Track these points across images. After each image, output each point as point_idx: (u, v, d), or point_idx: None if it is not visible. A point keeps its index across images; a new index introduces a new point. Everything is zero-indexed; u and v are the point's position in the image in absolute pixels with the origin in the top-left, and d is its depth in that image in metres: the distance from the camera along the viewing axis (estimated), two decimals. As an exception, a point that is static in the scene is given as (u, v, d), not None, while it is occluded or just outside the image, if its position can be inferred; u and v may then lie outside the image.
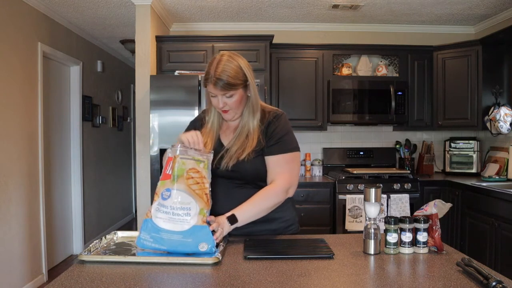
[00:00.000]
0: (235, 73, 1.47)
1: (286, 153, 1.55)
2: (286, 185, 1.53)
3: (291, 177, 1.55)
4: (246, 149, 1.52)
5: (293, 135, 1.61)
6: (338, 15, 3.99)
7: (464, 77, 3.81)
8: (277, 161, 1.55)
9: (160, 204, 1.32)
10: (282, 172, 1.54)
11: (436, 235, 1.35)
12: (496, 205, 2.99)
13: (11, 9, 3.18)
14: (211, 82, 1.48)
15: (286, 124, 1.60)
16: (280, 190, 1.52)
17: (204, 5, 3.68)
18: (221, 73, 1.46)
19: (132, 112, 6.58)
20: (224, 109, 1.54)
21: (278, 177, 1.53)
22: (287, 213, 1.65)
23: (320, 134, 4.27)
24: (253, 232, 1.56)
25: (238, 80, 1.48)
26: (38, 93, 3.57)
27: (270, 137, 1.56)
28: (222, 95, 1.50)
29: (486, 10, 3.78)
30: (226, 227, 1.39)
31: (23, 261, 3.34)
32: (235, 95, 1.51)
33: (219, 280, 1.11)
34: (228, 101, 1.51)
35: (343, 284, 1.08)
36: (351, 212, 3.45)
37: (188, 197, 1.30)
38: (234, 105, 1.53)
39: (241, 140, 1.55)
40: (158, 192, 1.34)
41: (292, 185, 1.57)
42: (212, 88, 1.49)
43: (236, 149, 1.54)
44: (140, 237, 1.32)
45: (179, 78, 3.32)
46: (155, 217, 1.31)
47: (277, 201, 1.53)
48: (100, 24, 4.26)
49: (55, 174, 4.12)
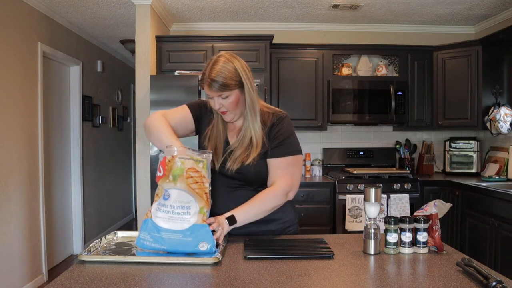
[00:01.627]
0: (229, 74, 1.47)
1: (288, 156, 1.55)
2: (286, 188, 1.53)
3: (292, 180, 1.55)
4: (251, 153, 1.52)
5: (295, 137, 1.61)
6: (338, 15, 3.99)
7: (464, 77, 3.81)
8: (279, 164, 1.55)
9: (160, 204, 1.32)
10: (283, 174, 1.54)
11: (436, 235, 1.35)
12: (496, 205, 2.99)
13: (11, 9, 3.18)
14: (206, 83, 1.49)
15: (289, 127, 1.59)
16: (280, 193, 1.52)
17: (204, 5, 3.68)
18: (215, 75, 1.46)
19: (132, 112, 6.58)
20: (221, 110, 1.54)
21: (279, 179, 1.53)
22: (286, 214, 1.65)
23: (320, 134, 4.27)
24: (252, 233, 1.56)
25: (232, 81, 1.47)
26: (38, 93, 3.57)
27: (273, 139, 1.55)
28: (218, 96, 1.50)
29: (486, 10, 3.78)
30: (226, 227, 1.39)
31: (23, 261, 3.34)
32: (230, 96, 1.50)
33: (219, 280, 1.11)
34: (224, 102, 1.51)
35: (343, 284, 1.08)
36: (351, 212, 3.45)
37: (188, 196, 1.30)
38: (231, 107, 1.52)
39: (245, 144, 1.55)
40: (159, 193, 1.35)
41: (293, 189, 1.56)
42: (207, 90, 1.50)
43: (240, 153, 1.54)
44: (139, 237, 1.32)
45: (179, 78, 3.32)
46: (155, 216, 1.31)
47: (277, 203, 1.52)
48: (100, 24, 4.26)
49: (55, 174, 4.12)
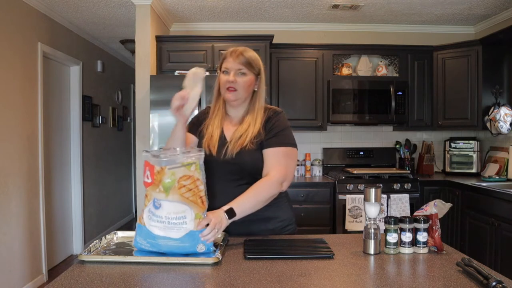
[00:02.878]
0: (255, 59, 1.61)
1: (283, 146, 1.57)
2: (280, 177, 1.53)
3: (286, 170, 1.56)
4: (248, 136, 1.56)
5: (291, 132, 1.64)
6: (338, 15, 3.99)
7: (464, 77, 3.81)
8: (274, 154, 1.56)
9: (151, 213, 1.29)
10: (277, 164, 1.55)
11: (436, 235, 1.35)
12: (496, 205, 2.99)
13: (11, 9, 3.18)
14: (233, 56, 1.57)
15: (284, 121, 1.64)
16: (275, 182, 1.52)
17: (204, 5, 3.68)
18: (245, 52, 1.58)
19: (132, 112, 6.58)
20: (232, 85, 1.57)
21: (273, 169, 1.54)
22: (284, 213, 1.66)
23: (320, 134, 4.27)
24: (251, 232, 1.57)
25: (255, 65, 1.59)
26: (38, 93, 3.57)
27: (268, 131, 1.59)
28: (237, 70, 1.56)
29: (486, 10, 3.78)
30: (224, 222, 1.37)
31: (23, 261, 3.34)
32: (247, 76, 1.58)
33: (219, 280, 1.11)
34: (238, 79, 1.57)
35: (343, 284, 1.08)
36: (351, 212, 3.45)
37: (182, 205, 1.27)
38: (242, 85, 1.58)
39: (243, 129, 1.59)
40: (149, 197, 1.30)
41: (287, 179, 1.56)
42: (231, 62, 1.57)
43: (239, 136, 1.57)
44: (136, 240, 1.32)
45: (179, 78, 3.32)
46: (149, 225, 1.29)
47: (272, 192, 1.52)
48: (100, 24, 4.26)
49: (55, 174, 4.12)
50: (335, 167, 4.14)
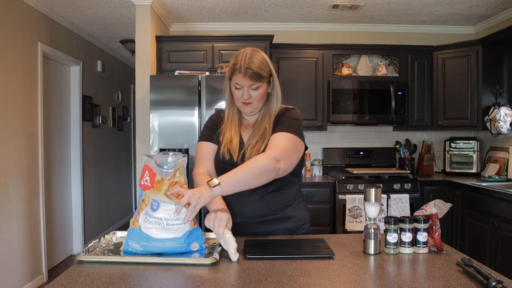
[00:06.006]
0: (263, 65, 1.53)
1: (289, 133, 1.52)
2: (276, 154, 1.42)
3: (286, 151, 1.45)
4: (264, 142, 1.54)
5: (301, 126, 1.59)
6: (338, 15, 3.99)
7: (464, 77, 3.81)
8: (278, 136, 1.50)
9: (148, 214, 1.28)
10: (277, 144, 1.47)
11: (436, 235, 1.35)
12: (496, 205, 2.99)
13: (11, 9, 3.18)
14: (241, 71, 1.49)
15: (296, 115, 1.62)
16: (269, 156, 1.41)
17: (204, 5, 3.68)
18: (251, 63, 1.49)
19: (132, 112, 6.58)
20: (248, 101, 1.55)
21: (270, 148, 1.47)
22: (301, 212, 1.67)
23: (320, 134, 4.27)
24: (268, 232, 1.56)
25: (265, 73, 1.53)
26: (38, 93, 3.57)
27: (279, 122, 1.57)
28: (249, 86, 1.52)
29: (486, 10, 3.78)
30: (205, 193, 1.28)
31: (23, 261, 3.34)
32: (260, 88, 1.54)
33: (219, 280, 1.11)
34: (252, 94, 1.54)
35: (343, 284, 1.08)
36: (351, 212, 3.45)
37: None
38: (258, 98, 1.55)
39: (260, 133, 1.57)
40: (145, 199, 1.30)
41: (285, 158, 1.43)
42: (241, 78, 1.51)
43: (256, 141, 1.55)
44: (127, 244, 1.29)
45: (179, 78, 3.32)
46: (144, 227, 1.28)
47: (264, 165, 1.39)
48: (100, 24, 4.26)
49: (55, 174, 4.12)
50: (335, 167, 4.14)
